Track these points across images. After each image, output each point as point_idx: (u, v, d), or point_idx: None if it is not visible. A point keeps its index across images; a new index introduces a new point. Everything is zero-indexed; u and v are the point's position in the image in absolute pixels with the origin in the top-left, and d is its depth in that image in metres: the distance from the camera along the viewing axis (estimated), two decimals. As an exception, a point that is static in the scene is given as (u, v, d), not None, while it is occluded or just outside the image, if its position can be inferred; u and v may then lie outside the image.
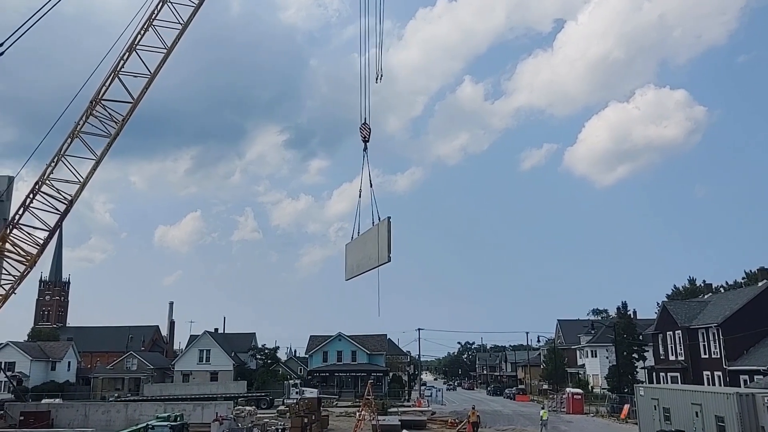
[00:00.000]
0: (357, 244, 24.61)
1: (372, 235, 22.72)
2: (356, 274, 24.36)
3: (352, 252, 25.11)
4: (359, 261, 23.92)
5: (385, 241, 21.15)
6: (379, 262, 21.70)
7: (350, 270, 25.13)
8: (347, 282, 25.77)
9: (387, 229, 21.28)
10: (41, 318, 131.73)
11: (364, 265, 23.25)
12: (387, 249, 20.97)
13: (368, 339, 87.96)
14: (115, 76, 32.52)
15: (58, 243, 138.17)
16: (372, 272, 23.02)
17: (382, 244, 21.28)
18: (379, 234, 21.89)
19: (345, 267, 25.72)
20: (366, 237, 23.66)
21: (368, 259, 22.76)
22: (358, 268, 24.12)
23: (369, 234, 23.32)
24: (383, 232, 21.47)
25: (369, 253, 22.66)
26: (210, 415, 39.40)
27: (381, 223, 22.07)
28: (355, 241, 24.96)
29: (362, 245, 23.81)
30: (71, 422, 38.79)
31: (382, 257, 21.35)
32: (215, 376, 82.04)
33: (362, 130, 26.83)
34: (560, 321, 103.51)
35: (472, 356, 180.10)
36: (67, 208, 33.24)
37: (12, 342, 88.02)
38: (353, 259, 24.85)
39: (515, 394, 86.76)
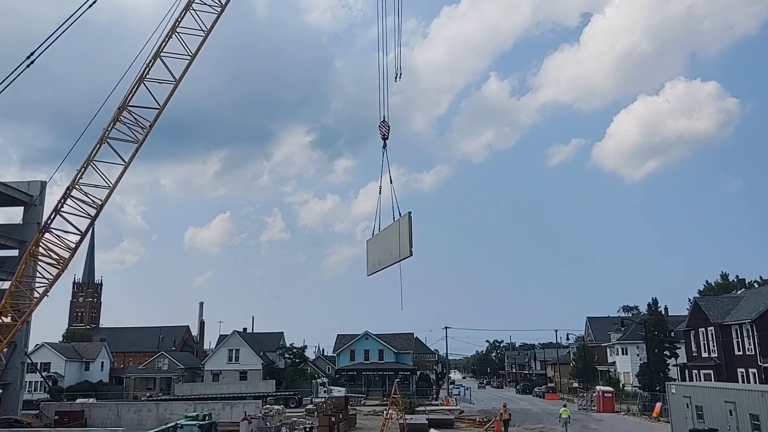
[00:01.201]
0: (378, 240, 24.80)
1: (393, 231, 22.85)
2: (378, 269, 24.51)
3: (374, 248, 25.28)
4: (381, 256, 24.08)
5: (406, 235, 21.29)
6: (401, 257, 21.86)
7: (372, 265, 25.28)
8: (375, 282, 26.29)
9: (408, 224, 21.41)
10: (75, 319, 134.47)
11: (386, 260, 23.37)
12: (408, 243, 21.11)
13: (395, 338, 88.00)
14: (141, 82, 33.08)
15: (90, 245, 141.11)
16: (394, 267, 23.14)
17: (404, 239, 21.42)
18: (400, 229, 22.02)
19: (366, 263, 25.91)
20: (387, 232, 23.81)
21: (390, 254, 22.89)
22: (380, 263, 24.25)
23: (390, 229, 23.46)
24: (404, 227, 21.59)
25: (390, 248, 22.81)
26: (239, 414, 39.88)
27: (402, 219, 22.19)
28: (376, 237, 25.16)
29: (383, 241, 23.98)
30: (104, 421, 39.57)
31: (403, 252, 21.50)
32: (244, 375, 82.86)
33: (381, 127, 27.07)
34: (590, 318, 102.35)
35: (500, 354, 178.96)
36: (97, 212, 33.85)
37: (47, 343, 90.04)
38: (375, 255, 25.02)
39: (544, 392, 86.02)
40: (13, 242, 47.54)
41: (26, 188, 50.31)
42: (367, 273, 25.72)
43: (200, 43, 34.05)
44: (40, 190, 50.34)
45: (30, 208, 49.90)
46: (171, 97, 33.82)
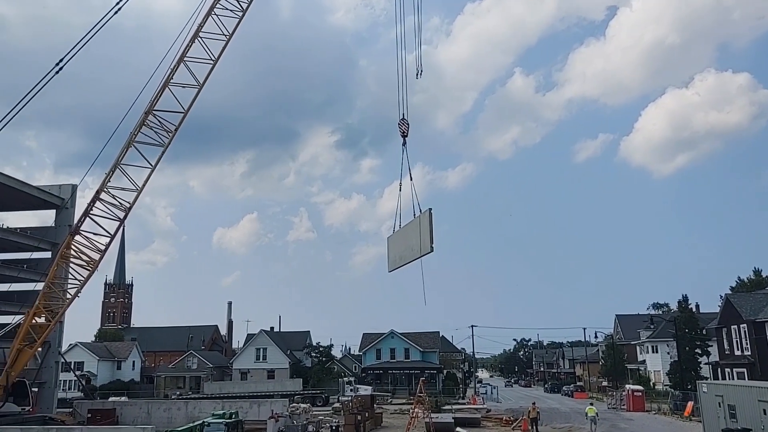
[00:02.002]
0: (399, 237, 25.01)
1: (413, 227, 23.05)
2: (399, 265, 24.70)
3: (395, 244, 25.48)
4: (402, 252, 24.27)
5: (427, 231, 21.50)
6: (422, 253, 22.08)
7: (393, 262, 25.49)
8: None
9: (428, 220, 21.61)
10: (107, 319, 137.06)
11: (407, 256, 23.57)
12: (429, 239, 21.32)
13: (421, 336, 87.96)
14: (165, 87, 33.64)
15: (121, 247, 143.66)
16: (416, 263, 23.37)
17: (425, 235, 21.64)
18: (420, 225, 22.23)
19: (388, 259, 26.10)
20: (408, 229, 24.01)
21: (411, 251, 23.09)
22: (401, 259, 24.46)
23: (410, 226, 23.67)
24: (425, 223, 21.79)
25: (411, 244, 22.99)
26: (266, 413, 40.29)
27: (422, 215, 22.38)
28: (396, 234, 25.37)
29: (404, 237, 24.17)
30: (135, 419, 40.34)
31: (424, 248, 21.72)
32: (272, 374, 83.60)
33: (401, 125, 27.36)
34: (618, 316, 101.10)
35: (528, 353, 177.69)
36: (126, 215, 34.51)
37: (80, 343, 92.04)
38: (396, 251, 25.22)
39: (573, 391, 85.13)
40: (46, 244, 48.63)
41: (58, 191, 51.42)
42: (388, 269, 25.95)
43: (222, 48, 34.54)
44: (71, 193, 51.44)
45: (61, 211, 50.98)
46: (195, 101, 34.36)
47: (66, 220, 49.34)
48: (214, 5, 34.27)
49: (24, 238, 48.73)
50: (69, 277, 35.35)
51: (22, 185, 48.76)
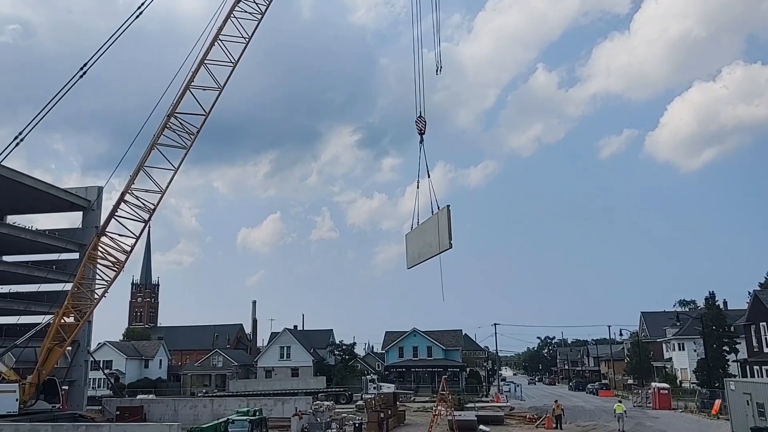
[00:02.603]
0: (417, 233, 25.16)
1: (432, 224, 23.17)
2: (418, 262, 24.86)
3: (413, 241, 25.65)
4: (421, 249, 24.40)
5: (445, 228, 21.62)
6: (440, 249, 22.19)
7: (411, 258, 25.65)
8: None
9: (447, 216, 21.72)
10: (134, 319, 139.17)
11: (426, 253, 23.70)
12: (448, 236, 21.44)
13: (443, 335, 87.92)
14: (186, 90, 34.15)
15: (147, 248, 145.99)
16: (435, 260, 23.48)
17: (443, 232, 21.76)
18: (439, 222, 22.35)
19: (406, 256, 26.30)
20: (426, 226, 24.13)
21: (429, 247, 23.21)
22: (419, 256, 24.60)
23: (429, 223, 23.80)
24: (443, 220, 21.90)
25: (430, 241, 23.13)
26: (290, 410, 40.73)
27: (441, 212, 22.48)
28: (415, 231, 25.52)
29: (423, 234, 24.32)
30: (162, 417, 41.02)
31: (443, 244, 21.83)
32: (296, 372, 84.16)
33: (418, 123, 27.64)
34: (644, 313, 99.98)
35: (552, 351, 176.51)
36: (150, 216, 35.10)
37: (108, 342, 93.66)
38: (414, 248, 25.39)
39: (598, 389, 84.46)
40: (74, 246, 49.68)
41: (84, 194, 52.48)
42: (407, 266, 26.15)
43: (242, 50, 35.01)
44: (97, 195, 52.46)
45: (88, 212, 52.05)
46: (216, 103, 34.84)
47: (93, 221, 50.35)
48: (233, 8, 34.73)
49: (52, 240, 49.89)
50: (96, 278, 36.10)
51: (49, 188, 49.90)
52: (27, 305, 48.14)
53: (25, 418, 30.06)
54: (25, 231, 49.46)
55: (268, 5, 35.50)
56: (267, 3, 35.50)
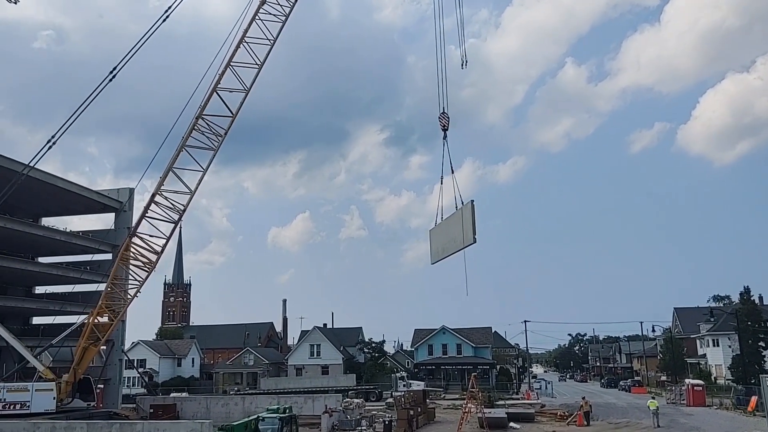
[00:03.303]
0: (441, 229, 25.30)
1: (456, 219, 23.29)
2: (442, 257, 25.00)
3: (437, 236, 25.78)
4: (445, 245, 24.54)
5: (469, 223, 21.76)
6: (465, 244, 22.32)
7: (435, 254, 25.79)
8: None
9: (471, 211, 21.84)
10: (167, 318, 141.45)
11: (450, 248, 23.84)
12: (472, 231, 21.57)
13: (473, 332, 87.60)
14: (213, 92, 34.57)
15: (178, 248, 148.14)
16: (458, 255, 23.69)
17: (467, 227, 21.90)
18: (463, 217, 22.46)
19: (430, 251, 26.43)
20: (450, 221, 24.27)
21: (453, 242, 23.35)
22: (443, 251, 24.74)
23: (452, 218, 23.93)
24: (467, 215, 22.03)
25: (453, 236, 23.27)
26: (321, 408, 41.00)
27: (465, 207, 22.63)
28: (438, 226, 25.66)
29: (446, 229, 24.45)
30: (194, 414, 41.61)
31: (467, 239, 21.96)
32: (326, 369, 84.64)
33: (441, 119, 27.72)
34: (677, 309, 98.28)
35: (584, 348, 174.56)
36: (180, 217, 35.61)
37: (142, 341, 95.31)
38: (438, 244, 25.51)
39: (630, 386, 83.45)
40: (106, 246, 50.71)
41: (116, 195, 53.51)
42: (431, 261, 26.30)
43: (267, 52, 35.34)
44: (128, 197, 53.43)
45: (120, 213, 53.08)
46: (243, 105, 35.21)
47: (125, 222, 51.34)
48: (258, 11, 35.05)
49: (86, 241, 50.99)
50: (129, 278, 36.78)
51: (82, 190, 51.02)
52: (62, 305, 49.35)
53: (61, 416, 30.76)
54: (59, 233, 50.68)
55: (292, 7, 35.76)
56: (291, 5, 35.76)
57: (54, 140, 34.15)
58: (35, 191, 46.04)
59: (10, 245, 46.68)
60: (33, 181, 42.05)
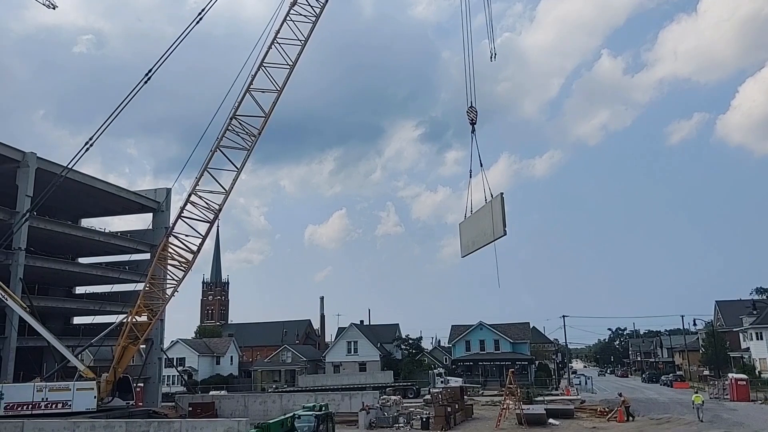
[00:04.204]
0: (470, 222, 25.31)
1: (485, 212, 23.28)
2: (472, 250, 25.01)
3: (467, 230, 25.80)
4: (475, 238, 24.56)
5: (499, 215, 21.82)
6: (495, 237, 22.37)
7: (466, 247, 25.81)
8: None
9: (500, 204, 21.87)
10: (206, 316, 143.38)
11: (480, 241, 23.87)
12: (502, 223, 21.63)
13: (510, 327, 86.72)
14: (246, 92, 34.71)
15: (216, 247, 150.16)
16: (489, 248, 23.71)
17: (497, 219, 21.95)
18: (492, 210, 22.47)
19: (460, 245, 26.46)
20: (479, 214, 24.26)
21: (483, 235, 23.38)
22: (473, 244, 24.78)
23: (482, 211, 23.92)
24: (497, 208, 22.04)
25: (484, 229, 23.28)
26: (358, 405, 40.96)
27: (494, 199, 22.61)
28: (468, 220, 25.65)
29: (476, 222, 24.45)
30: (233, 412, 41.90)
31: (497, 231, 22.01)
32: (363, 366, 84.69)
33: (469, 113, 27.70)
34: (719, 302, 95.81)
35: (624, 342, 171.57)
36: (215, 216, 35.84)
37: (181, 339, 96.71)
38: (468, 237, 25.53)
39: (672, 381, 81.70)
40: (144, 246, 51.47)
41: (153, 195, 54.27)
42: (461, 255, 26.36)
43: (299, 52, 35.41)
44: (165, 197, 54.13)
45: (158, 213, 53.83)
46: (276, 105, 35.29)
47: (162, 222, 52.03)
48: (289, 12, 35.07)
49: (124, 241, 51.85)
50: (166, 277, 37.17)
51: (120, 191, 51.90)
52: (102, 305, 50.25)
53: (101, 415, 31.25)
54: (98, 233, 51.61)
55: (323, 7, 35.70)
56: (321, 5, 35.69)
57: (91, 142, 34.62)
58: (75, 193, 46.99)
59: (51, 246, 47.71)
60: (72, 183, 42.92)
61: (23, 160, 42.14)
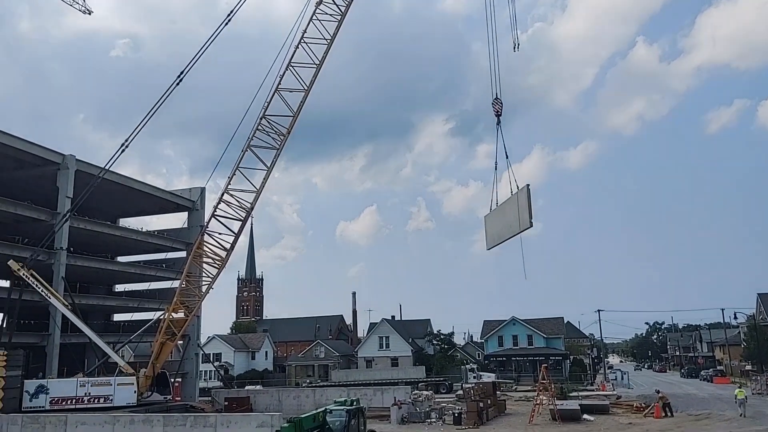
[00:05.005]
0: (496, 215, 25.34)
1: (511, 204, 23.30)
2: (498, 242, 25.15)
3: (492, 222, 25.86)
4: (500, 230, 24.63)
5: (525, 207, 21.83)
6: (521, 228, 22.41)
7: (491, 239, 25.93)
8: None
9: (527, 196, 21.88)
10: (241, 312, 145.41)
11: (506, 233, 23.94)
12: (528, 215, 21.64)
13: (544, 322, 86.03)
14: (275, 92, 35.14)
15: (250, 244, 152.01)
16: (515, 240, 23.82)
17: (523, 211, 21.96)
18: (518, 202, 22.46)
19: (485, 237, 26.56)
20: (505, 207, 24.29)
21: (509, 228, 23.42)
22: (499, 237, 24.88)
23: (508, 203, 23.91)
24: (523, 200, 22.05)
25: (510, 221, 23.33)
26: (390, 400, 41.18)
27: (520, 191, 22.60)
28: (493, 212, 25.69)
29: (502, 215, 24.52)
30: (267, 407, 42.59)
31: (523, 223, 22.04)
32: (395, 361, 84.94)
33: (494, 105, 27.78)
34: (761, 295, 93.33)
35: (662, 337, 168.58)
36: (248, 214, 36.42)
37: (217, 335, 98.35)
38: (494, 229, 25.62)
39: (713, 376, 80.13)
40: (180, 245, 52.50)
41: (188, 195, 55.30)
42: (486, 247, 26.56)
43: (325, 51, 35.70)
44: (199, 196, 55.13)
45: (192, 212, 54.83)
46: (305, 104, 35.69)
47: (197, 220, 53.00)
48: (315, 11, 35.36)
49: (161, 240, 52.97)
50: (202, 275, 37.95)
51: (156, 190, 53.02)
52: (140, 302, 51.43)
53: (140, 409, 32.11)
54: (136, 232, 52.88)
55: (348, 5, 35.89)
56: (347, 3, 35.88)
57: (126, 144, 35.42)
58: (113, 193, 48.15)
59: (91, 246, 49.03)
60: (110, 184, 44.03)
61: (63, 162, 43.32)
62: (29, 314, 42.30)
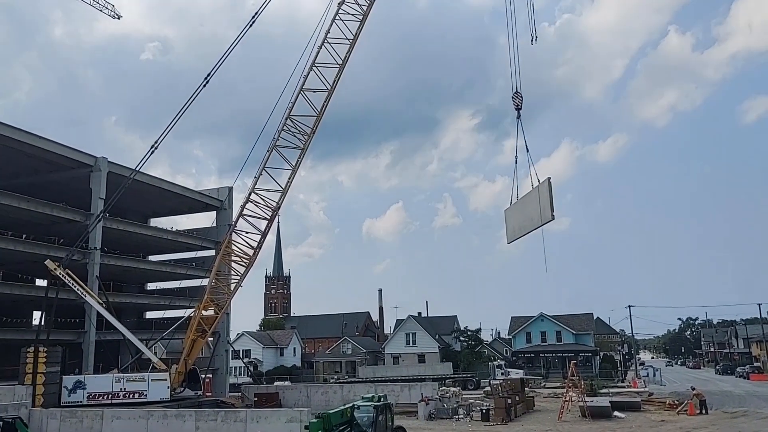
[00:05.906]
0: (517, 208, 25.36)
1: (532, 198, 23.35)
2: (519, 236, 25.19)
3: (513, 216, 25.87)
4: (521, 224, 24.69)
5: (546, 200, 21.89)
6: (542, 222, 22.49)
7: (512, 233, 25.95)
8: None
9: (548, 189, 21.95)
10: (269, 309, 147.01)
11: (527, 226, 24.01)
12: (549, 208, 21.73)
13: (573, 318, 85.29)
14: (300, 93, 35.48)
15: (277, 242, 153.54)
16: (537, 233, 24.08)
17: (544, 204, 22.03)
18: (540, 195, 22.52)
19: (506, 231, 26.59)
20: (525, 200, 24.32)
21: (530, 221, 23.49)
22: (520, 230, 24.93)
23: (529, 197, 23.97)
24: (544, 193, 22.13)
25: (530, 214, 23.39)
26: (417, 396, 41.30)
27: (541, 185, 22.66)
28: (514, 206, 25.70)
29: (522, 208, 24.53)
30: (296, 402, 43.05)
31: (545, 216, 22.12)
32: (422, 358, 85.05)
33: (514, 98, 27.83)
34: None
35: (695, 332, 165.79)
36: (274, 213, 36.87)
37: (246, 332, 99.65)
38: (514, 223, 25.64)
39: (749, 372, 78.50)
40: (209, 243, 53.35)
41: (216, 194, 56.16)
42: (507, 241, 26.61)
43: (348, 50, 35.90)
44: (227, 195, 55.96)
45: (221, 211, 55.68)
46: (328, 103, 35.96)
47: (225, 219, 53.84)
48: (338, 11, 35.58)
49: (190, 239, 53.92)
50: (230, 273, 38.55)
51: (185, 190, 53.96)
52: (171, 300, 52.42)
53: (173, 405, 32.77)
54: (166, 232, 53.92)
55: (370, 5, 36.04)
56: (369, 3, 36.03)
57: (156, 145, 36.09)
58: (144, 194, 49.17)
59: (123, 245, 50.09)
60: (141, 184, 44.96)
61: (95, 164, 44.33)
62: (66, 312, 43.40)
